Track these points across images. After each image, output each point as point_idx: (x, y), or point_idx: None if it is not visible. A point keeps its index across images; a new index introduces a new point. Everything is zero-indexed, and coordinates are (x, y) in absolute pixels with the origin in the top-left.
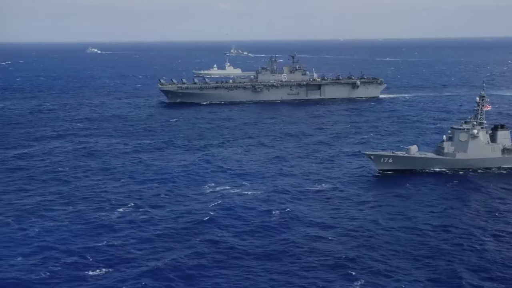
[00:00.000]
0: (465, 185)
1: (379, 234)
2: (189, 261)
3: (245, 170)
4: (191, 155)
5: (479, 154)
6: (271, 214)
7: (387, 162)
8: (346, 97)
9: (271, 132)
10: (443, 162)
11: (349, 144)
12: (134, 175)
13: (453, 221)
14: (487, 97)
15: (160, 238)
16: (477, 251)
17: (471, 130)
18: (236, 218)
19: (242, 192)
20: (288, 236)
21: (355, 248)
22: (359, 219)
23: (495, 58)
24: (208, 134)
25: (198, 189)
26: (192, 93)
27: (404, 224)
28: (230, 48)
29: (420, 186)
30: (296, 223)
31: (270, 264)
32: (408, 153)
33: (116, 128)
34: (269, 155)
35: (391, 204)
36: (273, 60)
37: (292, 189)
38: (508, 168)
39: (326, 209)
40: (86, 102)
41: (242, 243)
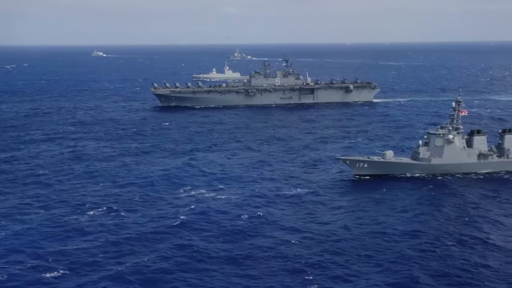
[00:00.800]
0: (440, 190)
1: (346, 238)
2: (152, 264)
3: (226, 174)
4: (175, 159)
5: (455, 159)
6: (242, 218)
7: (363, 167)
8: (340, 101)
9: (259, 136)
10: (419, 167)
11: (335, 148)
12: (115, 179)
13: (422, 226)
14: (463, 103)
15: (127, 241)
16: (439, 257)
17: (447, 135)
18: (207, 222)
19: (218, 196)
20: (255, 241)
21: (319, 253)
22: (329, 224)
23: (499, 62)
24: (197, 138)
25: (175, 193)
26: (185, 97)
27: (373, 229)
28: (234, 52)
29: (394, 191)
30: (266, 228)
31: (231, 268)
32: (384, 158)
33: (106, 131)
34: (253, 159)
35: (364, 209)
36: (267, 64)
37: (268, 193)
38: (485, 173)
39: (299, 214)
40: (81, 106)
41: (208, 247)
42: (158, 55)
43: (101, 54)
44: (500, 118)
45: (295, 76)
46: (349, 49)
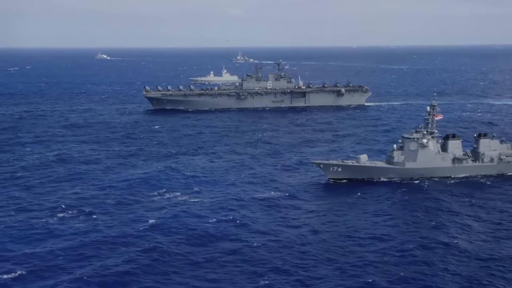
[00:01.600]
0: (413, 195)
1: (312, 242)
2: (115, 267)
3: (205, 177)
4: (158, 162)
5: (429, 164)
6: (213, 221)
7: (337, 171)
8: (331, 104)
9: (247, 139)
10: (393, 171)
11: (320, 151)
12: (95, 182)
13: (390, 230)
14: (438, 107)
15: (94, 244)
16: (399, 261)
17: (421, 140)
18: (177, 225)
19: (193, 199)
20: (222, 244)
21: (281, 257)
22: (299, 227)
23: (501, 66)
24: (184, 141)
25: (151, 196)
26: (176, 100)
27: (341, 233)
28: (237, 55)
29: (367, 195)
30: (235, 231)
31: (192, 271)
32: (358, 162)
33: (95, 134)
34: (235, 162)
35: (335, 213)
36: (259, 68)
37: (244, 196)
38: (461, 177)
39: (270, 217)
40: (76, 108)
41: (174, 250)
42: (161, 58)
43: (105, 57)
44: (490, 122)
45: (287, 79)
46: (354, 52)
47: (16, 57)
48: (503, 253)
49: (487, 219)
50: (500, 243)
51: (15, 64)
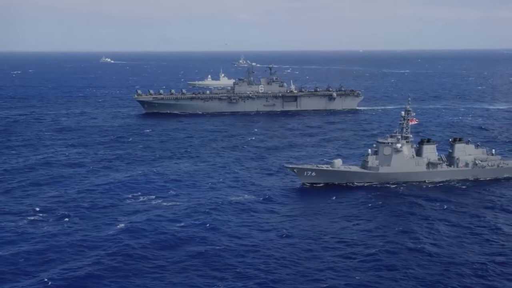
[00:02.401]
0: (385, 199)
1: (279, 246)
2: (77, 270)
3: (186, 181)
4: (141, 166)
5: (403, 168)
6: (185, 225)
7: (311, 175)
8: (323, 109)
9: (234, 143)
10: (367, 175)
11: (304, 155)
12: (75, 185)
13: (357, 234)
14: (413, 111)
15: (60, 247)
16: (360, 266)
17: (395, 144)
18: (149, 229)
19: (170, 203)
20: (189, 247)
21: (244, 261)
22: (268, 231)
23: (504, 70)
24: (171, 145)
25: (127, 200)
26: (168, 104)
27: (309, 237)
28: (239, 59)
29: (341, 199)
30: (205, 234)
31: (152, 275)
32: (332, 166)
33: (84, 138)
34: (218, 166)
35: (307, 217)
36: (251, 72)
37: (220, 200)
38: (435, 182)
39: (242, 221)
40: (70, 112)
41: (139, 254)
42: (166, 62)
43: (109, 61)
44: (480, 127)
45: (279, 83)
46: (359, 56)
47: (20, 61)
48: (464, 257)
49: (457, 224)
50: (464, 248)
51: (18, 68)
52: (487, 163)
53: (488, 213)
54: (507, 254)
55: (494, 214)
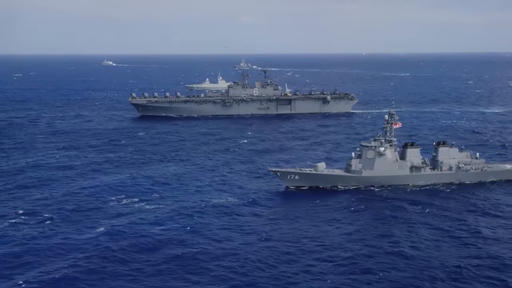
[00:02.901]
0: (369, 203)
1: (258, 249)
2: (54, 273)
3: (172, 184)
4: (130, 169)
5: (386, 172)
6: (166, 228)
7: (294, 179)
8: (317, 112)
9: (225, 146)
10: (350, 179)
11: (293, 158)
12: (61, 188)
13: (339, 238)
14: (396, 115)
15: (39, 250)
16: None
17: (378, 148)
18: (130, 232)
19: (154, 206)
20: (168, 251)
21: (221, 264)
22: (249, 234)
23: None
24: (162, 148)
25: (112, 202)
26: (162, 107)
27: (289, 240)
28: (240, 62)
29: (324, 203)
30: (185, 237)
31: (127, 277)
32: (316, 170)
33: (76, 141)
34: (206, 169)
35: (288, 221)
36: (245, 75)
37: (204, 203)
38: (419, 185)
39: (224, 224)
40: (66, 115)
41: (118, 256)
42: (168, 65)
43: (111, 64)
44: (473, 131)
45: (273, 86)
46: (362, 60)
47: (22, 64)
48: (441, 260)
49: (437, 227)
50: (441, 251)
51: (20, 71)
52: (471, 167)
53: (470, 216)
54: (482, 257)
55: (475, 218)
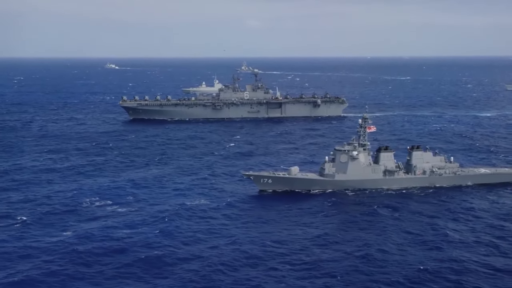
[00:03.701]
0: (340, 207)
1: (224, 253)
2: (17, 275)
3: (151, 188)
4: (112, 173)
5: (359, 176)
6: (134, 232)
7: (267, 182)
8: (308, 115)
9: (211, 149)
10: (323, 183)
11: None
12: (38, 191)
13: (306, 242)
14: (370, 119)
15: (6, 253)
16: (293, 274)
17: (351, 152)
18: (100, 235)
19: (129, 209)
20: (135, 253)
21: (183, 267)
22: (217, 238)
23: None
24: (147, 151)
25: (88, 206)
26: (152, 110)
27: (254, 244)
28: (241, 65)
29: (296, 207)
30: (154, 240)
31: (84, 280)
32: (289, 174)
33: (63, 144)
34: (188, 173)
35: (257, 224)
36: (236, 78)
37: (179, 206)
38: (394, 189)
39: (194, 228)
40: (59, 118)
41: (82, 259)
42: (172, 68)
43: (114, 67)
44: (461, 135)
45: (264, 90)
46: (365, 63)
47: (26, 67)
48: (403, 264)
49: (407, 231)
50: (407, 254)
51: (22, 74)
52: (445, 171)
53: (440, 220)
54: (444, 260)
55: (445, 222)
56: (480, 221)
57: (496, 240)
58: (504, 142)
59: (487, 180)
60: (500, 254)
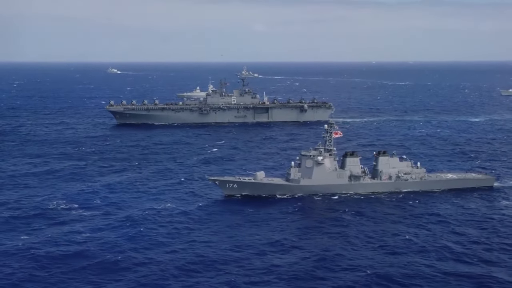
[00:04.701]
0: (303, 212)
1: (179, 257)
2: None
3: (122, 192)
4: (87, 178)
5: (324, 181)
6: (98, 236)
7: (232, 187)
8: (295, 120)
9: (192, 154)
10: (288, 188)
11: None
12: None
13: (264, 247)
14: (336, 125)
15: None
16: (241, 280)
17: (316, 157)
18: (59, 240)
19: (93, 213)
20: (91, 258)
21: (138, 271)
22: (177, 243)
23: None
24: (127, 156)
25: (56, 210)
26: (139, 115)
27: (211, 248)
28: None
29: (258, 212)
30: (114, 245)
31: (32, 283)
32: (255, 178)
33: (44, 148)
34: (164, 177)
35: (220, 229)
36: (223, 83)
37: (146, 211)
38: (360, 193)
39: (154, 232)
40: (50, 122)
41: (41, 262)
42: (174, 73)
43: (116, 71)
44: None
45: (251, 95)
46: (368, 68)
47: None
48: (358, 269)
49: (367, 235)
50: (361, 259)
51: (23, 78)
52: (410, 176)
53: (401, 225)
54: (394, 265)
55: (406, 227)
56: (441, 226)
57: (452, 244)
58: (485, 147)
59: (454, 186)
60: (452, 258)
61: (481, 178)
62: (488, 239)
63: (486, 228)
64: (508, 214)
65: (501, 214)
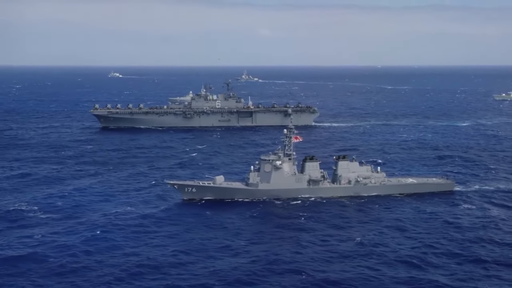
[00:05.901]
0: (260, 216)
1: (134, 263)
2: None
3: (89, 197)
4: (60, 181)
5: (283, 185)
6: (51, 240)
7: (191, 191)
8: (279, 124)
9: (171, 158)
10: (247, 192)
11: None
12: None
13: (217, 251)
14: (295, 129)
15: None
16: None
17: (275, 161)
18: (13, 245)
19: (53, 218)
20: (40, 261)
21: (98, 275)
22: (129, 246)
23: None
24: (105, 160)
25: (13, 216)
26: (123, 118)
27: (163, 253)
28: (242, 74)
29: (215, 216)
30: (71, 249)
31: None
32: (214, 182)
33: (22, 153)
34: (135, 181)
35: (175, 234)
36: (208, 87)
37: (107, 215)
38: (321, 198)
39: (111, 236)
40: (38, 127)
41: None
42: (175, 77)
43: (118, 75)
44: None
45: (235, 99)
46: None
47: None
48: (294, 272)
49: (321, 239)
50: (314, 262)
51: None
52: (370, 181)
53: (353, 230)
54: (337, 271)
55: (357, 230)
56: (396, 230)
57: (403, 247)
58: (462, 152)
59: (414, 190)
60: (399, 261)
61: (441, 183)
62: (438, 242)
63: (441, 231)
64: (464, 218)
65: (456, 218)
